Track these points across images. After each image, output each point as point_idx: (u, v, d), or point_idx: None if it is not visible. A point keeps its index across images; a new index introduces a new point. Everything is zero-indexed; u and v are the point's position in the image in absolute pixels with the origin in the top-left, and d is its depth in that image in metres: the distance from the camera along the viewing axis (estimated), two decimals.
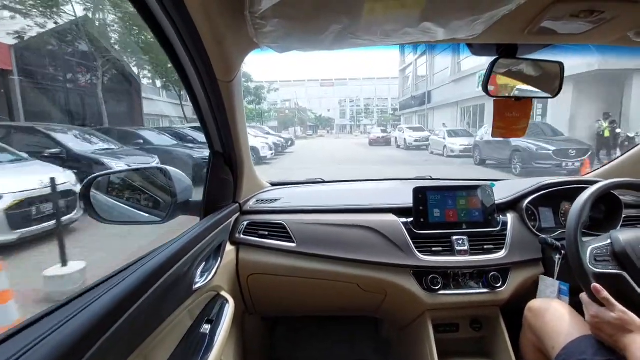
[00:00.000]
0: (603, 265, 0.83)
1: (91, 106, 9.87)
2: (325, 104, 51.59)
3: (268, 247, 1.09)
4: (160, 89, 15.09)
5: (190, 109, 12.51)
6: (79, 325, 0.40)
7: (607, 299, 0.74)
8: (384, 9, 0.62)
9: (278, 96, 43.38)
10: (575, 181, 1.21)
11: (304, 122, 43.72)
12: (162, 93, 15.66)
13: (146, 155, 5.73)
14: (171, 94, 14.73)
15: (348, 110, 53.54)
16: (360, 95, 52.13)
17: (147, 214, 0.91)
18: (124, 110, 12.36)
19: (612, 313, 0.72)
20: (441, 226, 1.10)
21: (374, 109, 51.25)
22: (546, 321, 0.88)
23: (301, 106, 45.89)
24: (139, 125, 11.11)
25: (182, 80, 0.80)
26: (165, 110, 15.31)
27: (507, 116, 0.97)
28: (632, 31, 0.80)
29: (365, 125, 48.79)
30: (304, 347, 1.53)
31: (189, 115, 13.78)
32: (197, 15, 0.62)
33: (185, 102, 13.95)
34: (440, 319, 1.09)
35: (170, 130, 8.81)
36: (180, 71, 0.77)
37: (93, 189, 0.83)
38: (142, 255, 0.63)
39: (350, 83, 53.47)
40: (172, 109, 15.47)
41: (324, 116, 47.78)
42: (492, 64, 0.89)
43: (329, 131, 47.26)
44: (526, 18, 0.73)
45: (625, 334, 0.70)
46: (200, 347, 0.70)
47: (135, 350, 0.50)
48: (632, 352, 0.67)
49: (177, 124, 13.40)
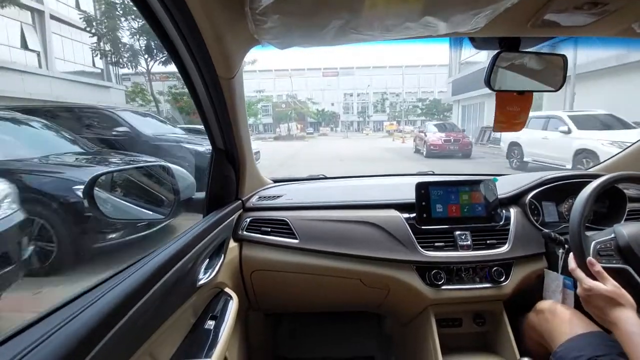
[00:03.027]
0: (607, 259, 0.83)
1: None
2: (329, 97, 43.12)
3: (271, 243, 1.10)
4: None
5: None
6: (84, 322, 0.40)
7: (601, 272, 0.76)
8: (385, 4, 0.61)
9: (274, 88, 38.54)
10: (578, 175, 1.20)
11: (303, 117, 37.27)
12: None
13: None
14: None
15: (355, 104, 44.58)
16: (371, 87, 42.31)
17: (150, 212, 0.92)
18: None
19: (605, 286, 0.74)
20: (444, 221, 1.10)
21: (400, 101, 39.71)
22: (549, 322, 0.88)
23: (295, 96, 37.84)
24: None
25: (184, 78, 0.80)
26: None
27: (508, 110, 0.97)
28: (636, 23, 0.79)
29: (374, 121, 41.48)
30: (307, 343, 1.54)
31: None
32: (198, 12, 0.62)
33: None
34: (444, 314, 1.10)
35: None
36: (182, 68, 0.77)
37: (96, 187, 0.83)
38: (146, 253, 0.63)
39: (357, 72, 44.18)
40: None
41: (327, 111, 40.34)
42: (495, 57, 0.88)
43: (332, 128, 40.09)
44: (529, 11, 0.72)
45: (616, 307, 0.71)
46: (204, 343, 0.71)
47: (141, 347, 0.51)
48: (620, 327, 0.69)
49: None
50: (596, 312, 0.76)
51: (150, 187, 0.95)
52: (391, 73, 42.41)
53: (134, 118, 4.68)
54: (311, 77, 43.74)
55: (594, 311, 0.76)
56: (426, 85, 40.65)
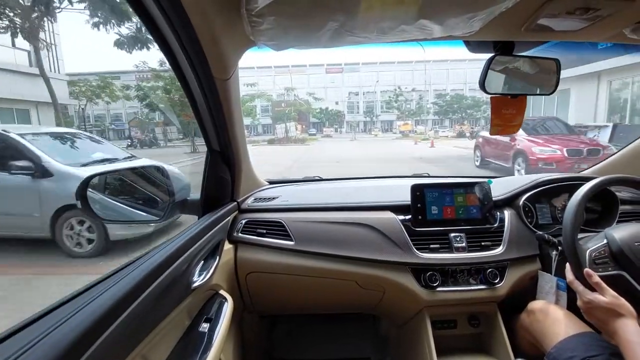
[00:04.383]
0: (603, 267, 0.84)
1: None
2: (332, 96, 39.66)
3: (266, 245, 1.09)
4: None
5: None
6: (78, 324, 0.40)
7: (599, 283, 0.76)
8: (381, 7, 0.62)
9: (274, 85, 34.61)
10: (572, 177, 1.22)
11: (304, 116, 34.88)
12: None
13: None
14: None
15: (361, 103, 40.94)
16: (378, 84, 38.61)
17: (145, 213, 0.91)
18: None
19: (604, 297, 0.74)
20: (439, 223, 1.11)
21: (412, 98, 36.00)
22: (541, 322, 0.89)
23: (294, 89, 33.48)
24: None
25: (179, 79, 0.80)
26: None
27: (503, 113, 0.98)
28: (627, 28, 0.81)
29: (382, 121, 38.30)
30: (303, 345, 1.54)
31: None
32: (194, 13, 0.62)
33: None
34: (439, 316, 1.10)
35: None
36: (177, 70, 0.77)
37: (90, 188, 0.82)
38: (141, 255, 0.63)
39: (363, 69, 40.76)
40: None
41: (331, 109, 37.02)
42: (489, 61, 0.89)
43: (336, 129, 36.84)
44: (523, 15, 0.73)
45: (616, 317, 0.72)
46: (199, 345, 0.70)
47: (134, 349, 0.50)
48: (620, 335, 0.70)
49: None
50: (598, 324, 0.77)
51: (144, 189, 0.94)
52: (400, 69, 39.31)
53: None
54: (314, 74, 40.66)
55: (596, 322, 0.77)
56: (438, 82, 38.25)
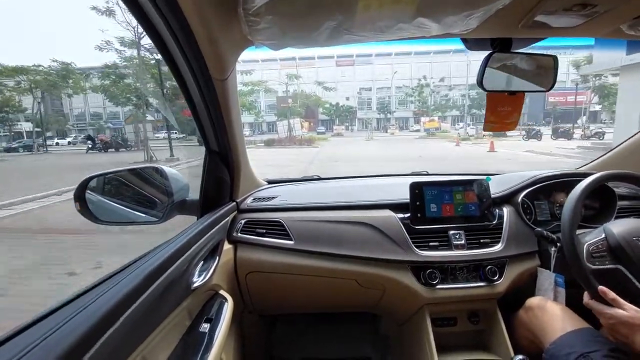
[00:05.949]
0: (600, 261, 0.84)
1: None
2: (343, 91, 36.17)
3: (266, 245, 1.09)
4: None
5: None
6: (78, 326, 0.40)
7: (615, 299, 0.75)
8: (379, 5, 0.62)
9: (279, 79, 28.15)
10: (570, 174, 1.22)
11: (312, 113, 30.77)
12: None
13: None
14: None
15: (375, 98, 37.35)
16: (394, 77, 34.85)
17: (144, 214, 0.91)
18: None
19: (626, 312, 0.72)
20: (438, 221, 1.11)
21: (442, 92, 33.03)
22: (539, 318, 0.89)
23: (299, 77, 26.71)
24: None
25: (177, 79, 0.80)
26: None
27: (499, 110, 0.98)
28: (625, 24, 0.81)
29: (396, 118, 35.02)
30: (303, 345, 1.54)
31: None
32: (190, 13, 0.62)
33: None
34: (438, 313, 1.10)
35: None
36: (175, 70, 0.76)
37: (88, 189, 0.82)
38: (140, 256, 0.63)
39: (376, 61, 37.41)
40: None
41: (342, 105, 33.78)
42: (487, 58, 0.89)
43: (348, 127, 33.70)
44: (520, 12, 0.73)
45: (638, 331, 0.70)
46: (199, 346, 0.70)
47: (135, 350, 0.50)
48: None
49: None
50: (623, 340, 0.74)
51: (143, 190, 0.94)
52: (417, 61, 35.93)
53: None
54: (323, 66, 37.27)
55: (622, 338, 0.74)
56: (457, 74, 33.66)
